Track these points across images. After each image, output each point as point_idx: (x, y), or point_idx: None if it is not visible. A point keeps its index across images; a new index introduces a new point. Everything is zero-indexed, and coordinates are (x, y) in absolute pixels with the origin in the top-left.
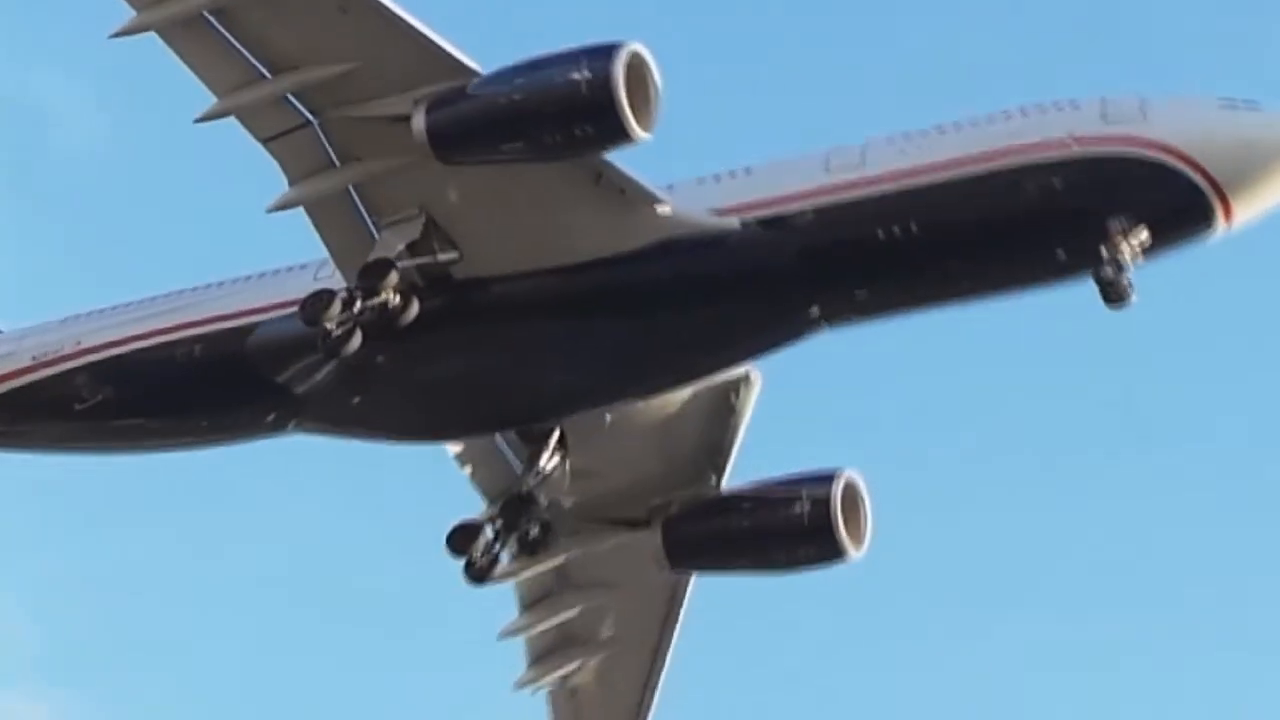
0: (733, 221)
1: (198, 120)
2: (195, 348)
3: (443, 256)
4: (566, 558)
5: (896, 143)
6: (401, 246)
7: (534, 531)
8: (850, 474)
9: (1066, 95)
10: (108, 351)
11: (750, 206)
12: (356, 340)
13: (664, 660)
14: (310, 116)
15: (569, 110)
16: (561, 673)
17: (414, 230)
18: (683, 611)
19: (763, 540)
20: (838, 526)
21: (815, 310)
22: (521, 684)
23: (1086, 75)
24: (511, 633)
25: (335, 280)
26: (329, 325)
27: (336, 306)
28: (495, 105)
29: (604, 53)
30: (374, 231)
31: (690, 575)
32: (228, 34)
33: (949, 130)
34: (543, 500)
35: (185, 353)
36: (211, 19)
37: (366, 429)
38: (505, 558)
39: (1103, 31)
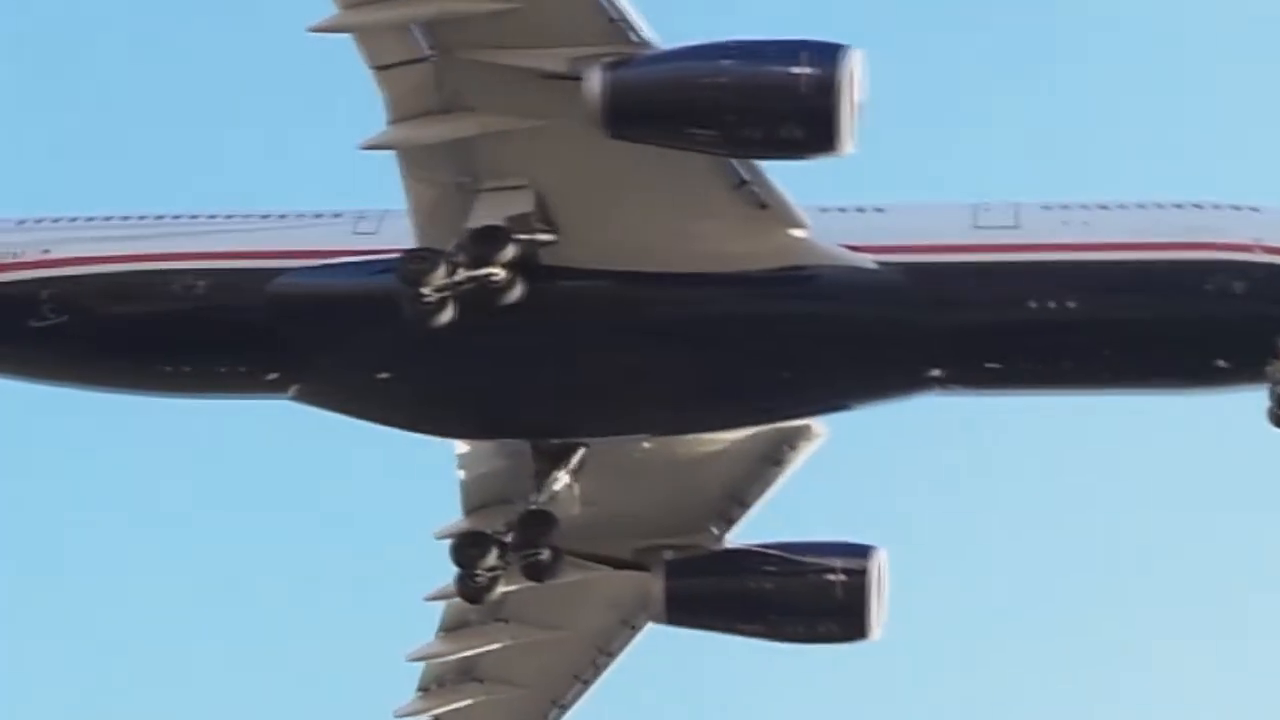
0: (868, 261)
1: (312, 30)
2: (199, 283)
3: (541, 237)
4: (519, 587)
5: (1054, 211)
6: (504, 218)
7: (545, 555)
8: (883, 552)
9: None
10: (86, 268)
11: (889, 249)
12: (449, 313)
13: (561, 716)
14: (430, 52)
15: (780, 107)
16: (449, 708)
17: (523, 202)
18: (609, 670)
19: (783, 606)
20: (870, 604)
21: (936, 372)
22: (404, 713)
23: None
24: (423, 657)
25: (382, 237)
26: (425, 291)
27: (442, 271)
28: (696, 83)
29: (828, 52)
30: (465, 195)
31: (681, 628)
32: None
33: (1113, 209)
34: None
35: (185, 287)
36: None
37: (379, 410)
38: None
39: None
